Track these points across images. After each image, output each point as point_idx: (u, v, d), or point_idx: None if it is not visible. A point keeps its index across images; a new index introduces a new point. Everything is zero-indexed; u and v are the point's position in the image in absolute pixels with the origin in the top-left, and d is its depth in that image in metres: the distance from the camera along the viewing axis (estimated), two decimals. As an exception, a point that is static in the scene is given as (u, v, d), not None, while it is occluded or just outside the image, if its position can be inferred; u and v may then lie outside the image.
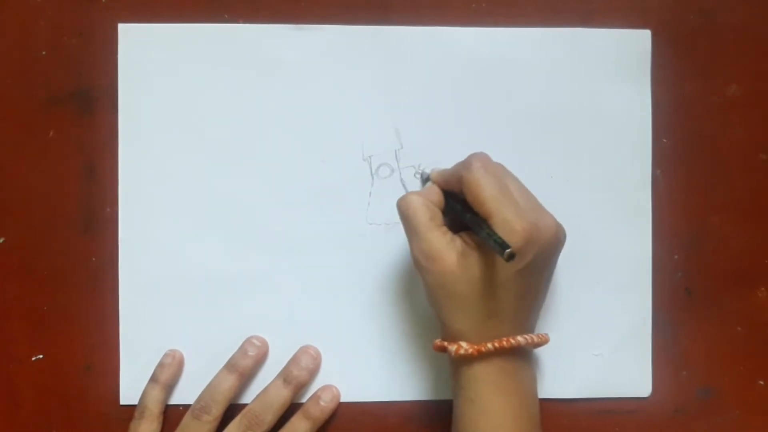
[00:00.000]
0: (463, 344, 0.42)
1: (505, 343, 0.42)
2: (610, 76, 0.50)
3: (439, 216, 0.44)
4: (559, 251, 0.44)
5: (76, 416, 0.49)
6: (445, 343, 0.43)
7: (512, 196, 0.42)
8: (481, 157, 0.43)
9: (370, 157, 0.50)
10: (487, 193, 0.41)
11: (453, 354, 0.43)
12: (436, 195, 0.45)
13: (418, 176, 0.50)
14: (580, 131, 0.50)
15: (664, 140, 0.50)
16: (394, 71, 0.50)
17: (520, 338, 0.43)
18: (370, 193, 0.50)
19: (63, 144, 0.49)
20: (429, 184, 0.47)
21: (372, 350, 0.50)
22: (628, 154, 0.50)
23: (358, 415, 0.50)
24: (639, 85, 0.50)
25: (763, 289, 0.51)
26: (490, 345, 0.42)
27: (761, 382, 0.51)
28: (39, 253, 0.49)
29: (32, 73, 0.49)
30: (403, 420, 0.50)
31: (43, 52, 0.49)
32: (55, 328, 0.49)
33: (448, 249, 0.42)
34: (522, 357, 0.44)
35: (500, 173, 0.43)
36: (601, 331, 0.50)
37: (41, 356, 0.49)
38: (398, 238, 0.50)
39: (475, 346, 0.42)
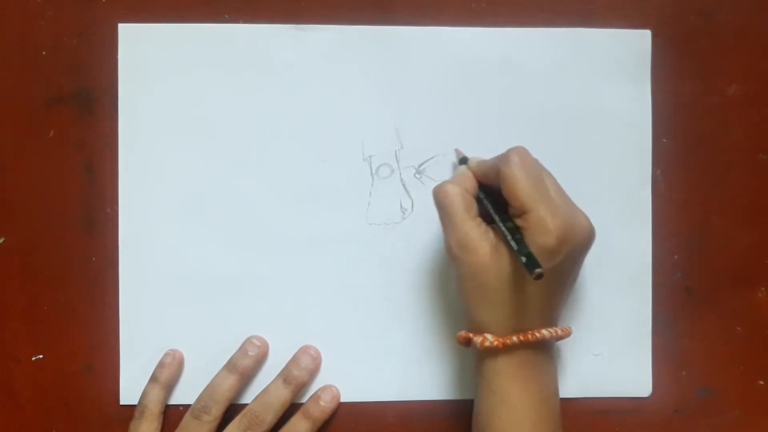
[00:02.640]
0: (489, 336, 0.42)
1: (530, 336, 0.42)
2: (610, 76, 0.50)
3: (475, 206, 0.44)
4: (589, 249, 0.45)
5: (76, 416, 0.49)
6: (470, 335, 0.44)
7: (548, 194, 0.42)
8: (520, 152, 0.43)
9: (370, 157, 0.50)
10: (523, 189, 0.41)
11: (478, 346, 0.43)
12: (470, 182, 0.45)
13: (418, 176, 0.50)
14: (580, 131, 0.50)
15: (665, 140, 0.50)
16: (394, 71, 0.50)
17: (545, 332, 0.43)
18: (370, 193, 0.50)
19: (63, 144, 0.49)
20: (462, 169, 0.46)
21: (372, 350, 0.50)
22: (628, 154, 0.50)
23: (358, 415, 0.50)
24: (639, 85, 0.50)
25: (763, 288, 0.51)
26: (515, 338, 0.42)
27: (761, 382, 0.51)
28: (39, 253, 0.49)
29: (32, 73, 0.49)
30: (403, 420, 0.50)
31: (44, 52, 0.49)
32: (55, 327, 0.49)
33: (482, 240, 0.42)
34: (545, 350, 0.44)
35: (538, 169, 0.43)
36: (601, 331, 0.50)
37: (41, 356, 0.49)
38: (398, 238, 0.50)
39: (500, 339, 0.42)
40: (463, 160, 0.48)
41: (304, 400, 0.49)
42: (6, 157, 0.49)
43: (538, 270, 0.39)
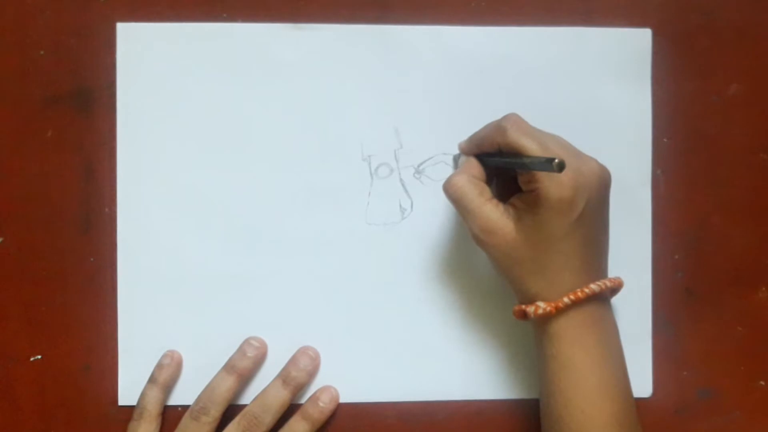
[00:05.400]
0: (541, 304, 0.43)
1: (580, 294, 0.43)
2: (611, 76, 0.50)
3: (487, 189, 0.44)
4: (608, 191, 0.45)
5: (74, 417, 0.49)
6: (523, 306, 0.44)
7: (553, 150, 0.42)
8: (514, 119, 0.43)
9: (369, 156, 0.50)
10: (528, 151, 0.42)
11: (532, 315, 0.43)
12: (476, 168, 0.45)
13: (417, 176, 0.50)
14: (580, 130, 0.50)
15: (665, 140, 0.50)
16: (393, 70, 0.49)
17: (593, 286, 0.43)
18: (369, 193, 0.50)
19: (61, 144, 0.49)
20: (463, 158, 0.47)
21: (371, 351, 0.49)
22: (629, 154, 0.50)
23: (356, 416, 0.50)
24: (639, 84, 0.50)
25: (763, 288, 0.51)
26: (566, 299, 0.42)
27: (762, 383, 0.51)
28: (37, 253, 0.49)
29: (31, 73, 0.49)
30: (402, 421, 0.50)
31: (42, 52, 0.49)
32: (53, 328, 0.49)
33: (504, 219, 0.43)
34: (600, 306, 0.44)
35: (534, 130, 0.43)
36: (601, 332, 0.50)
37: (39, 356, 0.49)
38: (397, 238, 0.50)
39: (552, 304, 0.43)
40: (458, 158, 0.48)
41: (303, 401, 0.49)
42: (4, 157, 0.49)
43: (556, 161, 0.39)
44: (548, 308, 0.43)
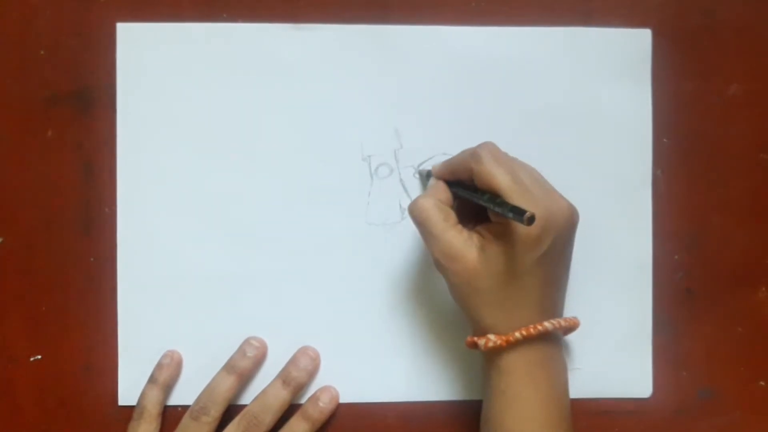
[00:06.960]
0: (491, 337, 0.42)
1: (532, 330, 0.42)
2: (611, 76, 0.50)
3: (452, 215, 0.44)
4: (575, 231, 0.44)
5: (74, 417, 0.49)
6: (475, 338, 0.44)
7: (525, 185, 0.42)
8: (489, 147, 0.43)
9: (369, 156, 0.50)
10: (500, 183, 0.41)
11: (482, 347, 0.43)
12: (444, 193, 0.45)
13: (417, 176, 0.50)
14: (580, 131, 0.50)
15: (665, 140, 0.50)
16: (393, 71, 0.49)
17: (547, 324, 0.43)
18: (369, 192, 0.50)
19: (61, 144, 0.49)
20: (432, 181, 0.47)
21: (371, 351, 0.49)
22: (629, 154, 0.50)
23: (357, 416, 0.50)
24: (639, 85, 0.50)
25: (763, 289, 0.51)
26: (517, 334, 0.42)
27: (762, 383, 0.51)
28: (37, 253, 0.49)
29: (31, 73, 0.49)
30: (401, 421, 0.50)
31: (42, 52, 0.49)
32: (53, 328, 0.49)
33: (467, 246, 0.42)
34: (552, 344, 0.44)
35: (510, 162, 0.43)
36: (601, 332, 0.50)
37: (39, 356, 0.49)
38: (397, 238, 0.50)
39: (503, 337, 0.42)
40: (428, 174, 0.47)
41: (303, 401, 0.49)
42: (4, 157, 0.49)
43: (527, 214, 0.38)
44: (498, 341, 0.42)
